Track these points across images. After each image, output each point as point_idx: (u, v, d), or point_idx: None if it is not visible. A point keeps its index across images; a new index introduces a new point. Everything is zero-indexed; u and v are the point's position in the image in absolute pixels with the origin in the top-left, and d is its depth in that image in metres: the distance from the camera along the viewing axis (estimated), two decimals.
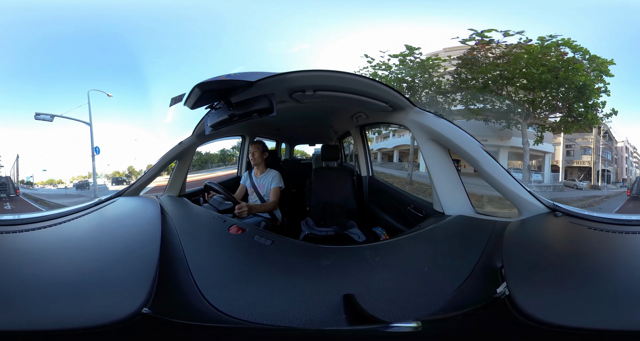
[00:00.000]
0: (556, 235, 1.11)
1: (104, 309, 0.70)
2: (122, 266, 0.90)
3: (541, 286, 0.78)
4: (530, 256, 0.93)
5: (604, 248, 1.00)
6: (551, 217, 1.17)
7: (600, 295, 0.73)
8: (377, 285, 0.91)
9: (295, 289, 0.89)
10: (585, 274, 0.83)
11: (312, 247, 1.24)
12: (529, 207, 1.21)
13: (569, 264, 0.89)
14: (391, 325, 0.71)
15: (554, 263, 0.88)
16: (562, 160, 9.59)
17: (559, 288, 0.76)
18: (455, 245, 1.18)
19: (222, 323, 0.74)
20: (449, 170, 1.48)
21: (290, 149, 6.82)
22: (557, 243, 1.04)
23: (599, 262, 0.91)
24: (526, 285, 0.77)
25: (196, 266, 0.96)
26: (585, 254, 0.97)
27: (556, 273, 0.82)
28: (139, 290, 0.75)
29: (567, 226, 1.13)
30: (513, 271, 0.82)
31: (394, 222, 2.20)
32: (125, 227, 1.31)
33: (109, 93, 9.18)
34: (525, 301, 0.70)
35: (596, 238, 1.05)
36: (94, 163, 9.21)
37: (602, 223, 1.12)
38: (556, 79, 7.08)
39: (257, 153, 2.35)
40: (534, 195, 1.23)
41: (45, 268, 0.89)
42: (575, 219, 1.16)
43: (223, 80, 1.14)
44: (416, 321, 0.72)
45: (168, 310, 0.75)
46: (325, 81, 1.37)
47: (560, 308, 0.69)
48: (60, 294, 0.76)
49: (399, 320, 0.73)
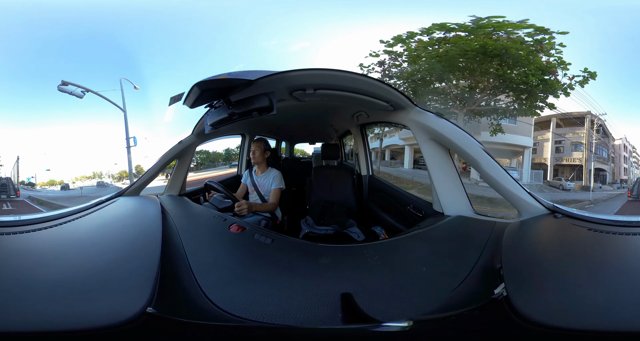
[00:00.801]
0: (556, 237, 1.10)
1: (109, 309, 0.70)
2: (124, 266, 0.90)
3: (540, 288, 0.77)
4: (529, 258, 0.93)
5: (604, 249, 1.00)
6: (551, 218, 1.17)
7: (599, 296, 0.72)
8: (375, 284, 0.91)
9: (294, 288, 0.89)
10: (585, 276, 0.83)
11: (311, 245, 1.24)
12: (528, 208, 1.21)
13: (568, 266, 0.88)
14: (382, 324, 0.71)
15: (553, 265, 0.88)
16: (551, 157, 8.77)
17: (558, 290, 0.76)
18: (454, 245, 1.18)
19: (225, 321, 0.75)
20: (449, 170, 1.47)
21: (291, 148, 6.82)
22: (557, 245, 1.04)
23: (599, 264, 0.91)
24: (524, 286, 0.77)
25: (197, 265, 0.97)
26: (585, 256, 0.96)
27: (555, 275, 0.82)
28: (142, 289, 0.75)
29: (567, 227, 1.12)
30: (511, 272, 0.81)
31: (394, 222, 2.20)
32: (126, 226, 1.31)
33: (137, 85, 8.68)
34: (523, 302, 0.69)
35: (596, 240, 1.04)
36: (129, 156, 7.97)
37: (602, 225, 1.12)
38: (490, 57, 6.46)
39: (258, 151, 2.33)
40: (533, 197, 1.23)
41: (48, 269, 0.89)
42: (575, 220, 1.15)
43: (223, 79, 1.13)
44: (407, 321, 0.72)
45: (172, 309, 0.76)
46: (325, 80, 1.36)
47: (559, 310, 0.69)
48: (64, 295, 0.76)
49: (391, 320, 0.73)
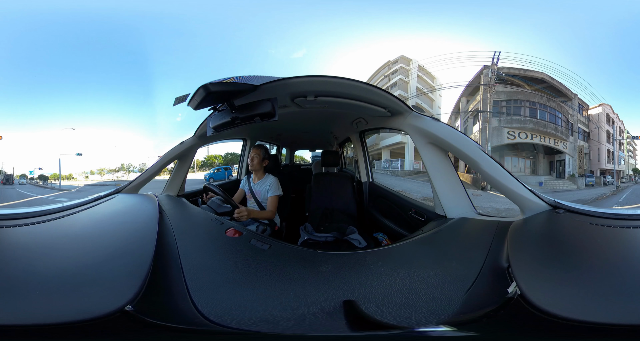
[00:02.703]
0: (560, 232, 1.11)
1: (88, 305, 0.70)
2: (116, 262, 0.89)
3: (552, 283, 0.77)
4: (537, 255, 0.93)
5: (606, 243, 1.00)
6: (553, 214, 1.17)
7: (608, 289, 0.73)
8: (381, 291, 0.90)
9: (289, 294, 0.87)
10: (592, 269, 0.83)
11: (310, 252, 1.22)
12: (530, 205, 1.22)
13: (575, 260, 0.89)
14: (416, 329, 0.70)
15: (561, 260, 0.88)
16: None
17: (569, 284, 0.76)
18: (460, 247, 1.17)
19: (200, 326, 0.73)
20: (448, 173, 1.49)
21: (291, 154, 6.84)
22: (561, 240, 1.04)
23: (603, 257, 0.91)
24: (537, 283, 0.77)
25: (189, 267, 0.95)
26: (589, 250, 0.96)
27: (564, 270, 0.82)
28: (129, 287, 0.74)
29: (569, 222, 1.13)
30: (521, 270, 0.81)
31: (396, 227, 2.19)
32: (123, 223, 1.29)
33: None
34: (540, 298, 0.69)
35: (599, 234, 1.05)
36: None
37: (604, 219, 1.12)
38: None
39: (256, 159, 2.34)
40: (535, 193, 1.24)
41: (40, 263, 0.89)
42: (577, 215, 1.16)
43: (229, 82, 1.16)
44: (444, 325, 0.71)
45: (151, 310, 0.74)
46: (325, 86, 1.39)
47: (573, 303, 0.69)
48: (53, 289, 0.76)
49: (420, 325, 0.72)
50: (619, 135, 5.39)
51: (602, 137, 5.10)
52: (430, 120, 1.48)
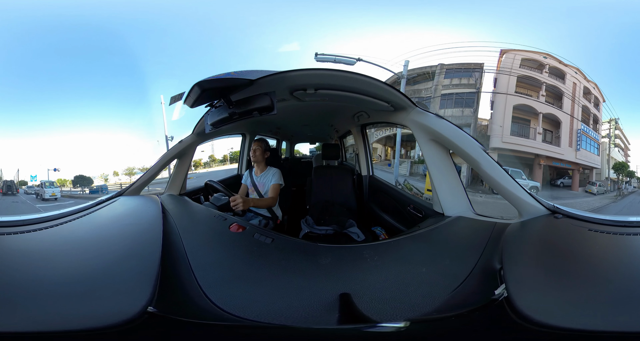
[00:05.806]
0: (557, 237, 1.10)
1: (110, 309, 0.71)
2: (124, 265, 0.90)
3: (541, 288, 0.77)
4: (530, 259, 0.93)
5: (604, 250, 1.00)
6: (551, 218, 1.17)
7: (600, 297, 0.72)
8: (374, 285, 0.91)
9: (293, 288, 0.89)
10: (586, 276, 0.83)
11: (311, 245, 1.24)
12: (529, 209, 1.21)
13: (569, 266, 0.88)
14: (378, 324, 0.71)
15: (554, 265, 0.88)
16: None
17: (560, 290, 0.76)
18: (455, 246, 1.18)
19: (224, 321, 0.75)
20: (449, 171, 1.47)
21: (291, 148, 6.81)
22: (558, 245, 1.04)
23: (599, 264, 0.91)
24: (526, 287, 0.77)
25: (197, 264, 0.97)
26: (586, 256, 0.96)
27: (557, 276, 0.82)
28: (143, 289, 0.75)
29: (567, 228, 1.12)
30: (512, 273, 0.81)
31: (394, 222, 2.20)
32: (127, 226, 1.31)
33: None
34: (525, 303, 0.69)
35: (597, 240, 1.04)
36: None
37: (603, 225, 1.12)
38: None
39: (258, 151, 2.34)
40: (534, 197, 1.23)
41: (49, 269, 0.89)
42: (575, 221, 1.15)
43: (223, 78, 1.13)
44: (404, 322, 0.72)
45: (172, 309, 0.76)
46: (326, 80, 1.36)
47: (560, 310, 0.69)
48: (65, 295, 0.76)
49: (389, 320, 0.73)
50: (599, 125, 3.45)
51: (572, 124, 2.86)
52: (433, 117, 1.45)
